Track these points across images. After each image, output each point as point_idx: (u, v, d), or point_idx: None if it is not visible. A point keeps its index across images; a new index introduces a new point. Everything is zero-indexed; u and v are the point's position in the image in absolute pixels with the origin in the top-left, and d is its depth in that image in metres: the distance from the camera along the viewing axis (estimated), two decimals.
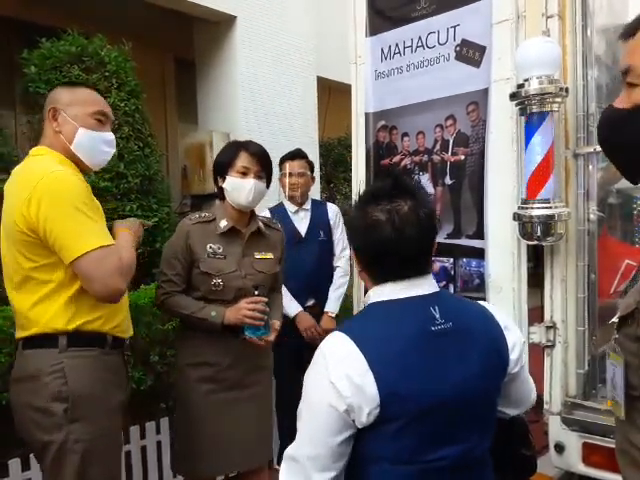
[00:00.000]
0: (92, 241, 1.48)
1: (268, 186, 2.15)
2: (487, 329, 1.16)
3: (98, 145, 1.68)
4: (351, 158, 2.72)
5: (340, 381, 1.01)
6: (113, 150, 1.75)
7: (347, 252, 3.04)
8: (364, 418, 1.01)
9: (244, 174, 2.02)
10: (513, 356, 1.16)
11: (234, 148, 2.08)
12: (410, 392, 1.03)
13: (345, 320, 1.19)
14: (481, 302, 1.27)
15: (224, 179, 2.05)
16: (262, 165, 2.05)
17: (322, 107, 5.70)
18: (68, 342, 1.53)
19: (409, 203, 1.10)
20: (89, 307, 1.56)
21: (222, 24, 4.70)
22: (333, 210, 3.13)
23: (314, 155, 5.09)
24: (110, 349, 1.63)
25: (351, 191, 2.78)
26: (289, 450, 1.08)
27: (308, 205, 3.07)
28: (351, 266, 2.98)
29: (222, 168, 2.07)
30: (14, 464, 2.23)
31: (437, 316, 1.10)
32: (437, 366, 1.07)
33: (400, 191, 1.12)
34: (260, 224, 2.11)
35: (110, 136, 1.72)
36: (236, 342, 1.95)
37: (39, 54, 3.27)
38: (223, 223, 2.01)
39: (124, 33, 3.66)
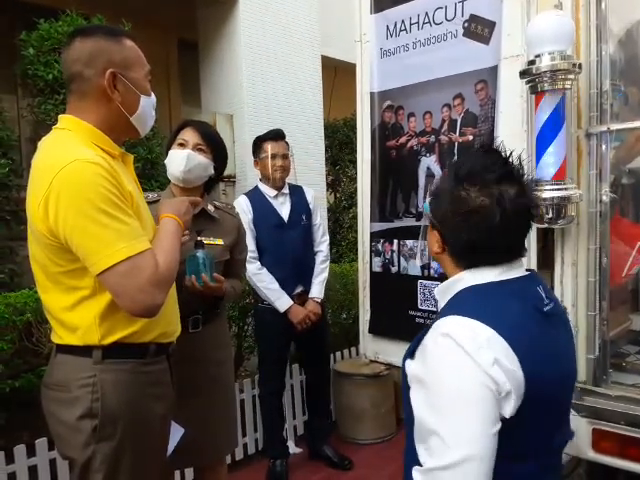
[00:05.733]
0: (117, 251, 1.25)
1: (221, 171, 2.06)
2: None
3: (151, 111, 1.46)
4: (357, 139, 2.67)
5: (491, 367, 0.92)
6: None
7: (327, 237, 2.99)
8: (509, 407, 0.93)
9: (182, 145, 1.97)
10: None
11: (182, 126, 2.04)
12: (544, 374, 0.98)
13: (450, 305, 1.06)
14: None
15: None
16: (206, 141, 1.98)
17: (328, 87, 5.61)
18: (103, 354, 1.37)
19: (516, 188, 1.01)
20: (127, 319, 1.36)
21: (225, 3, 4.61)
22: (311, 194, 3.01)
23: (319, 136, 5.02)
24: (152, 358, 1.46)
25: (357, 173, 2.72)
26: (435, 462, 0.93)
27: (286, 189, 2.91)
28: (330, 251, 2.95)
29: (167, 147, 2.03)
30: (19, 450, 2.23)
31: (544, 296, 1.06)
32: (554, 347, 1.04)
33: (507, 173, 1.03)
34: (209, 206, 2.01)
35: (154, 98, 1.48)
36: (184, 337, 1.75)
37: (37, 35, 3.21)
38: None
39: (124, 13, 3.58)
